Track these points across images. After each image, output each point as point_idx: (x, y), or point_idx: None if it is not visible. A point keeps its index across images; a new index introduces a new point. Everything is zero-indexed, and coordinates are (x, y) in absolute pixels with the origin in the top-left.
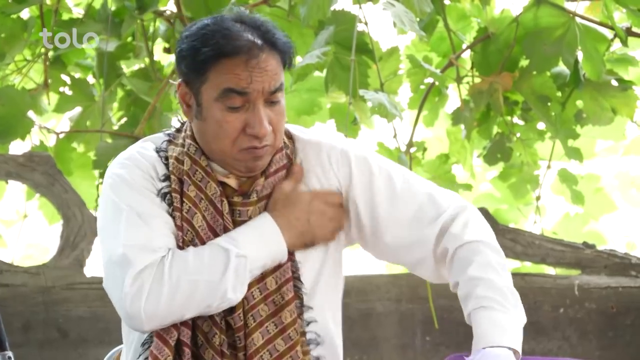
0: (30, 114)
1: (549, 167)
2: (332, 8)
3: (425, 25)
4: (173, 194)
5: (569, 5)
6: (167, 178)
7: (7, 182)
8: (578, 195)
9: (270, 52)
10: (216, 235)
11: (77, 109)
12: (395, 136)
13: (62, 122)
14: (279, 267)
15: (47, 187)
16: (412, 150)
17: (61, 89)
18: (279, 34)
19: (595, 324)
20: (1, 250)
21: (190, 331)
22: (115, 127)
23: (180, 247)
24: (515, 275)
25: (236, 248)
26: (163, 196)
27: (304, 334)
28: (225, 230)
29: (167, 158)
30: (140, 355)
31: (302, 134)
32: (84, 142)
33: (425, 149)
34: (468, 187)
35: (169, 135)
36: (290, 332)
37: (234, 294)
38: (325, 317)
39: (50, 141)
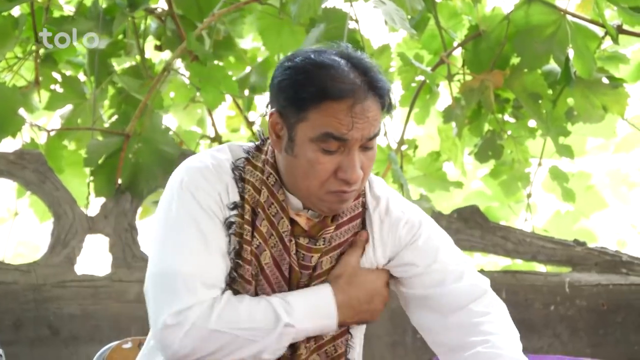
0: (21, 111)
1: (539, 164)
2: (323, 6)
3: (416, 23)
4: (245, 226)
5: (560, 3)
6: (235, 206)
7: None
8: (569, 193)
9: (374, 98)
10: (281, 272)
11: (68, 107)
12: (385, 134)
13: (53, 120)
14: None
15: (38, 184)
16: (404, 147)
17: (52, 87)
18: (383, 79)
19: (586, 322)
20: None
21: None
22: (106, 125)
23: (248, 281)
24: (506, 272)
25: (288, 317)
26: (229, 225)
27: None
28: (291, 269)
29: (242, 179)
30: None
31: (376, 188)
32: (75, 139)
33: (416, 147)
34: (459, 184)
35: (248, 152)
36: None
37: (269, 356)
38: None
39: (41, 139)
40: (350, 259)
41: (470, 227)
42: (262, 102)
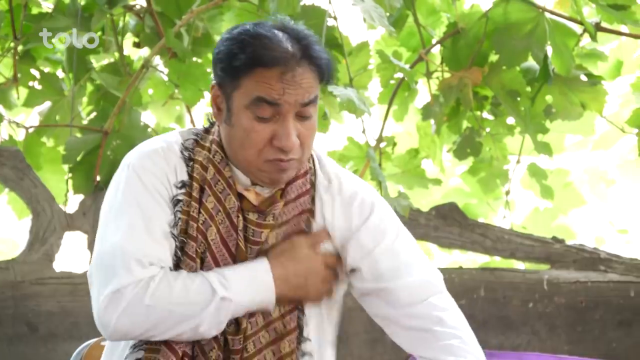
0: None
1: (518, 161)
2: (301, 3)
3: (395, 20)
4: (193, 203)
5: (539, 0)
6: (184, 185)
7: None
8: (547, 190)
9: (308, 67)
10: (228, 249)
11: (47, 104)
12: (364, 131)
13: (32, 117)
14: None
15: (16, 181)
16: (382, 145)
17: (30, 84)
18: (319, 49)
19: (564, 319)
20: None
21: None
22: (85, 122)
23: (192, 258)
24: (485, 270)
25: (224, 290)
26: (175, 202)
27: None
28: (237, 246)
29: (190, 159)
30: (127, 357)
31: (328, 166)
32: (54, 136)
33: (395, 144)
34: (438, 181)
35: (197, 135)
36: None
37: (209, 331)
38: (321, 352)
39: (20, 136)
40: (296, 240)
41: (448, 224)
42: None
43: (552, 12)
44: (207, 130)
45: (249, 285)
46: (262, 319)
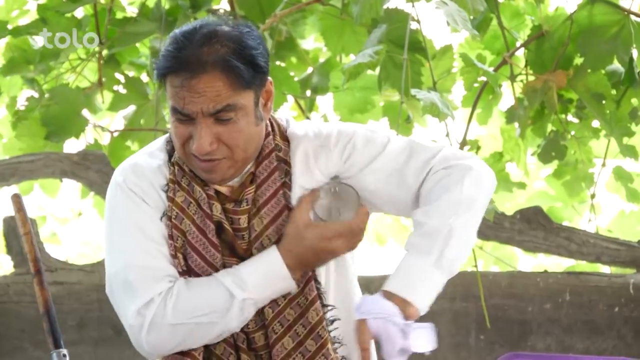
0: (85, 112)
1: (603, 165)
2: (385, 6)
3: (478, 24)
4: (167, 202)
5: (624, 3)
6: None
7: (61, 181)
8: (633, 193)
9: (219, 73)
10: (207, 239)
11: (131, 108)
12: (447, 135)
13: (116, 121)
14: None
15: (102, 185)
16: (466, 148)
17: (115, 88)
18: (242, 54)
19: None
20: (56, 248)
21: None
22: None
23: (173, 255)
24: (570, 274)
25: (242, 292)
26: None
27: (329, 332)
28: (217, 232)
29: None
30: None
31: (296, 129)
32: (138, 140)
33: (479, 147)
34: (522, 185)
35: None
36: (319, 330)
37: (237, 328)
38: (346, 315)
39: (105, 139)
40: (295, 216)
41: (533, 228)
42: (324, 102)
43: (637, 15)
44: None
45: (265, 279)
46: (282, 298)
